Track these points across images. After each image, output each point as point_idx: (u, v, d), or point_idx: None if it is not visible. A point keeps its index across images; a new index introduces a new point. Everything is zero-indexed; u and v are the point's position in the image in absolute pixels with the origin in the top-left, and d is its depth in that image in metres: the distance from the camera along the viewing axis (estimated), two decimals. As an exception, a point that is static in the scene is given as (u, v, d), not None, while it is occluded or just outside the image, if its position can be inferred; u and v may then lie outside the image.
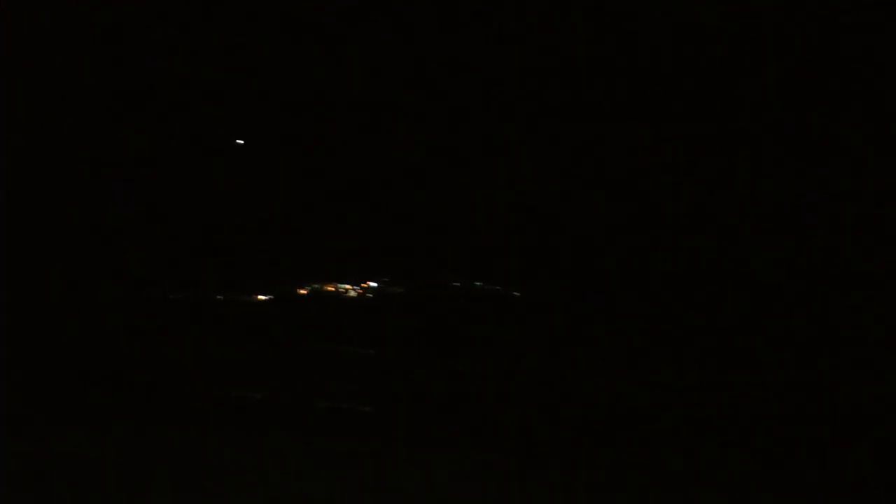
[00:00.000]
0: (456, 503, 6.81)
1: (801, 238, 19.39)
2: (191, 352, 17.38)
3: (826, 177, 19.73)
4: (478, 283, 24.19)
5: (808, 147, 20.04)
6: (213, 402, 11.43)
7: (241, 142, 23.28)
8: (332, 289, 27.29)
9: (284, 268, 27.61)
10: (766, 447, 10.05)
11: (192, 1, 23.81)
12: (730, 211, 20.51)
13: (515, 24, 22.19)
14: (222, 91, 24.17)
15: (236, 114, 25.03)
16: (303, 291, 26.86)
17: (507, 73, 23.10)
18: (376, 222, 27.27)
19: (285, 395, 12.57)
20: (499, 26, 22.38)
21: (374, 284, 26.87)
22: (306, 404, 11.79)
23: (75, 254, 26.28)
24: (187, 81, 24.16)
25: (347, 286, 27.61)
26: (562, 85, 22.20)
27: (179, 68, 24.04)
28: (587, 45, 21.63)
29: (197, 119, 24.64)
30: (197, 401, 11.46)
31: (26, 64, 22.56)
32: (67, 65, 24.07)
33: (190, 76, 24.51)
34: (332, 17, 23.40)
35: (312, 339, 20.45)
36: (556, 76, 22.10)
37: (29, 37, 22.66)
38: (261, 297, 26.88)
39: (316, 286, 27.15)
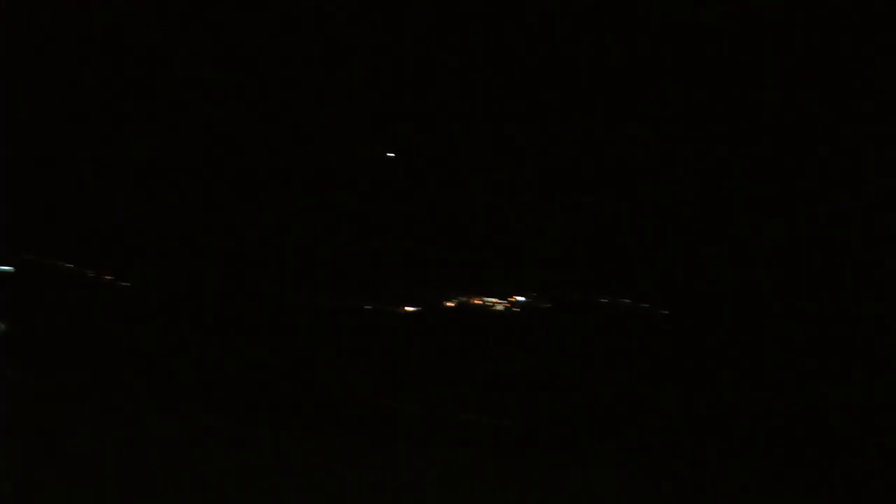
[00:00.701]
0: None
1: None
2: (337, 360, 17.72)
3: None
4: (626, 300, 23.78)
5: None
6: (356, 411, 11.60)
7: (392, 154, 23.62)
8: (479, 302, 27.36)
9: (431, 279, 27.87)
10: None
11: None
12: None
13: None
14: (373, 101, 24.64)
15: (386, 127, 25.42)
16: (450, 304, 27.02)
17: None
18: (523, 234, 27.19)
19: (427, 406, 12.62)
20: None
21: (521, 299, 26.77)
22: (448, 416, 11.81)
23: (243, 259, 27.36)
24: (348, 94, 24.74)
25: (495, 300, 27.62)
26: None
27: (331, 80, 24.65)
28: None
29: (349, 130, 25.14)
30: (342, 409, 11.67)
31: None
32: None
33: (352, 90, 25.09)
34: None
35: (458, 351, 20.54)
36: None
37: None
38: (408, 309, 27.21)
39: (463, 299, 27.27)
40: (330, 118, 25.71)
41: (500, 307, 26.92)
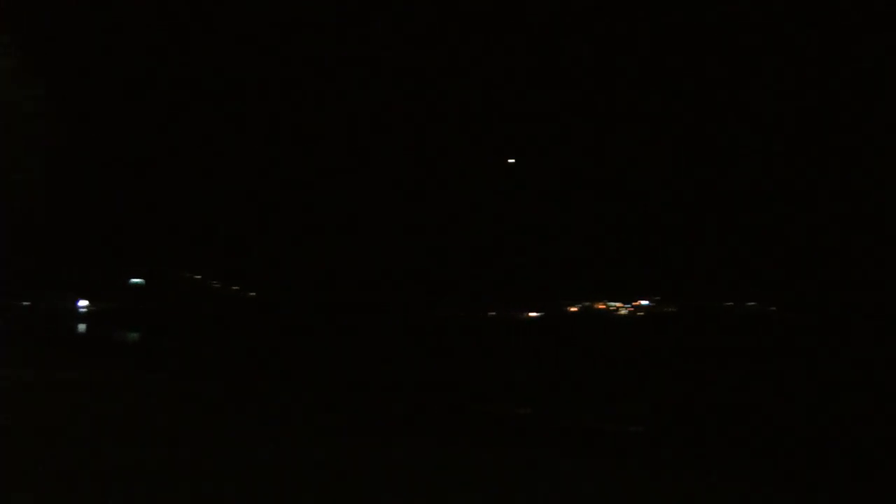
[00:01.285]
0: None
1: None
2: (458, 365, 17.94)
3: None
4: (752, 304, 23.32)
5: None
6: (474, 415, 11.78)
7: (513, 161, 23.87)
8: (603, 307, 27.28)
9: (552, 285, 27.94)
10: None
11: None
12: None
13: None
14: (490, 109, 24.91)
15: (504, 134, 25.64)
16: (573, 309, 27.04)
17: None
18: (645, 239, 27.01)
19: (550, 410, 12.70)
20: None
21: (645, 303, 26.57)
22: (573, 421, 11.85)
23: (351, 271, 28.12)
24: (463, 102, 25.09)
25: (618, 304, 27.48)
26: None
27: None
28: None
29: (468, 139, 25.46)
30: (460, 412, 11.89)
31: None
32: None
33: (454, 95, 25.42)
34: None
35: (583, 356, 20.48)
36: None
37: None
38: (531, 315, 27.32)
39: (586, 304, 27.25)
40: (448, 127, 26.12)
41: (623, 311, 26.82)
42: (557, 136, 24.30)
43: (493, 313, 26.68)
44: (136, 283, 27.36)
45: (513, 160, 23.36)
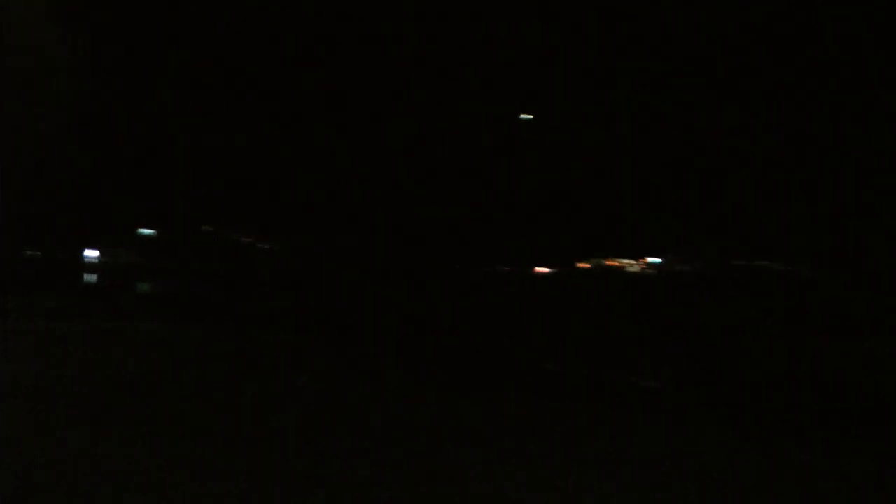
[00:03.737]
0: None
1: None
2: (472, 319, 18.04)
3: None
4: (765, 262, 23.39)
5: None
6: (494, 368, 11.90)
7: (529, 116, 23.73)
8: (614, 263, 27.33)
9: (562, 242, 27.97)
10: None
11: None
12: None
13: None
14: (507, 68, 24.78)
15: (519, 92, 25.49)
16: (584, 265, 27.08)
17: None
18: (653, 196, 27.01)
19: (572, 365, 12.82)
20: None
21: (656, 260, 26.62)
22: (594, 375, 11.98)
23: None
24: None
25: (629, 261, 27.54)
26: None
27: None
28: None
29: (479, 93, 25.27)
30: (482, 366, 12.01)
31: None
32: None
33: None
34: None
35: (598, 313, 20.53)
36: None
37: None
38: (541, 270, 27.38)
39: (597, 260, 27.29)
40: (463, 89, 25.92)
41: (635, 268, 26.88)
42: (571, 91, 24.17)
43: (506, 269, 26.73)
44: (147, 235, 27.15)
45: (529, 115, 23.24)
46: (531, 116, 23.11)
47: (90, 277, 26.06)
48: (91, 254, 26.97)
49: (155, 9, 24.98)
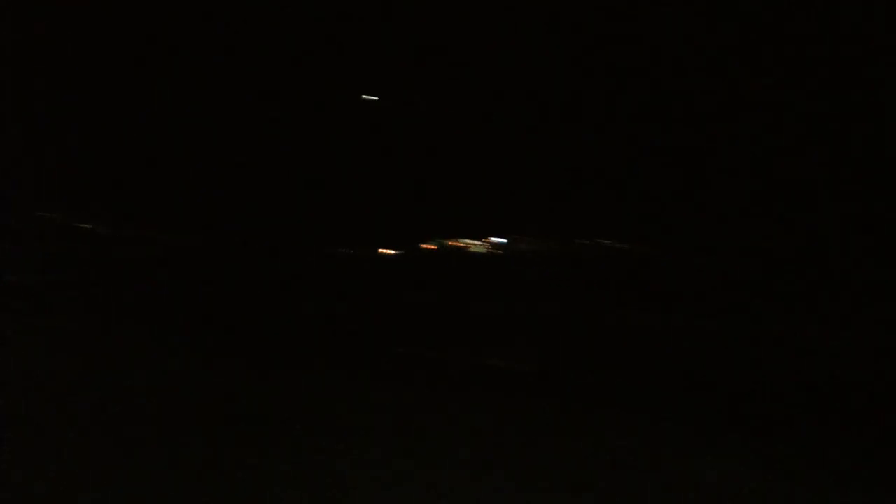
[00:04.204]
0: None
1: None
2: (309, 303, 17.63)
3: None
4: (606, 241, 23.92)
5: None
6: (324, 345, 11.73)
7: (374, 98, 23.37)
8: (458, 244, 27.25)
9: (400, 222, 27.69)
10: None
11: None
12: None
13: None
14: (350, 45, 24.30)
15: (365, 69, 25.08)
16: (429, 246, 26.86)
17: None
18: (497, 176, 27.15)
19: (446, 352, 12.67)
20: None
21: (500, 240, 26.73)
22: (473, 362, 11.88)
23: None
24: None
25: (472, 241, 27.53)
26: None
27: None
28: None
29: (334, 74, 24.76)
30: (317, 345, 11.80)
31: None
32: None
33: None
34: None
35: (447, 294, 20.44)
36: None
37: None
38: (386, 252, 27.01)
39: (441, 241, 27.15)
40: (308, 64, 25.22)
41: (480, 249, 26.94)
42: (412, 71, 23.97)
43: (348, 251, 26.28)
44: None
45: (373, 97, 22.89)
46: (375, 98, 22.74)
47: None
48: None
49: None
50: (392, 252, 25.82)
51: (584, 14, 23.91)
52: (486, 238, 27.41)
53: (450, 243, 27.17)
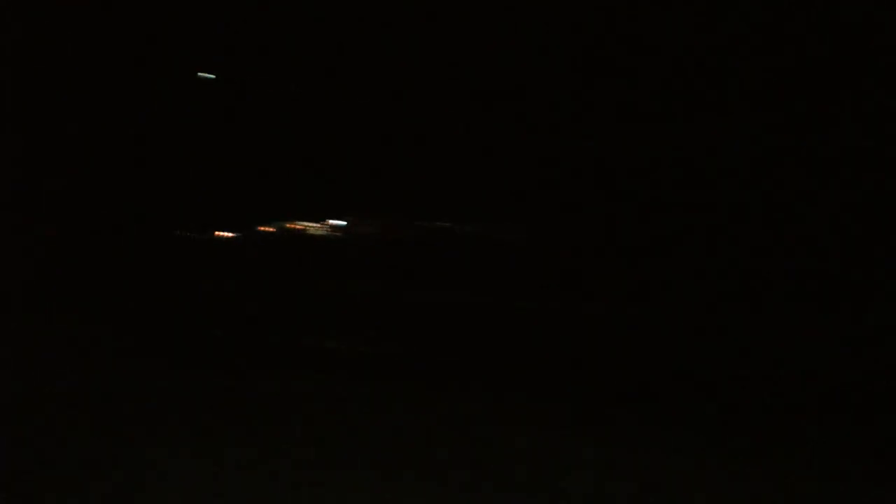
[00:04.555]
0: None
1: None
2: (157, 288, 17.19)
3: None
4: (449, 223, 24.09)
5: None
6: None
7: (211, 76, 22.80)
8: (297, 227, 26.88)
9: (239, 204, 27.15)
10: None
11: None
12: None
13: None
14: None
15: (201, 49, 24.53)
16: (267, 229, 26.42)
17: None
18: (336, 156, 27.02)
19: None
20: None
21: (339, 222, 26.54)
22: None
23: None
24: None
25: (310, 223, 27.20)
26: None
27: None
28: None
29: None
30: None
31: None
32: None
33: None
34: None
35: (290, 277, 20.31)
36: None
37: None
38: (223, 234, 26.37)
39: (279, 223, 26.74)
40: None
41: (319, 231, 26.70)
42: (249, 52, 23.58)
43: (182, 234, 25.59)
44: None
45: (209, 75, 22.32)
46: (212, 76, 22.18)
47: None
48: None
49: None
50: (229, 235, 25.32)
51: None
52: (324, 220, 27.24)
53: (289, 225, 26.87)
